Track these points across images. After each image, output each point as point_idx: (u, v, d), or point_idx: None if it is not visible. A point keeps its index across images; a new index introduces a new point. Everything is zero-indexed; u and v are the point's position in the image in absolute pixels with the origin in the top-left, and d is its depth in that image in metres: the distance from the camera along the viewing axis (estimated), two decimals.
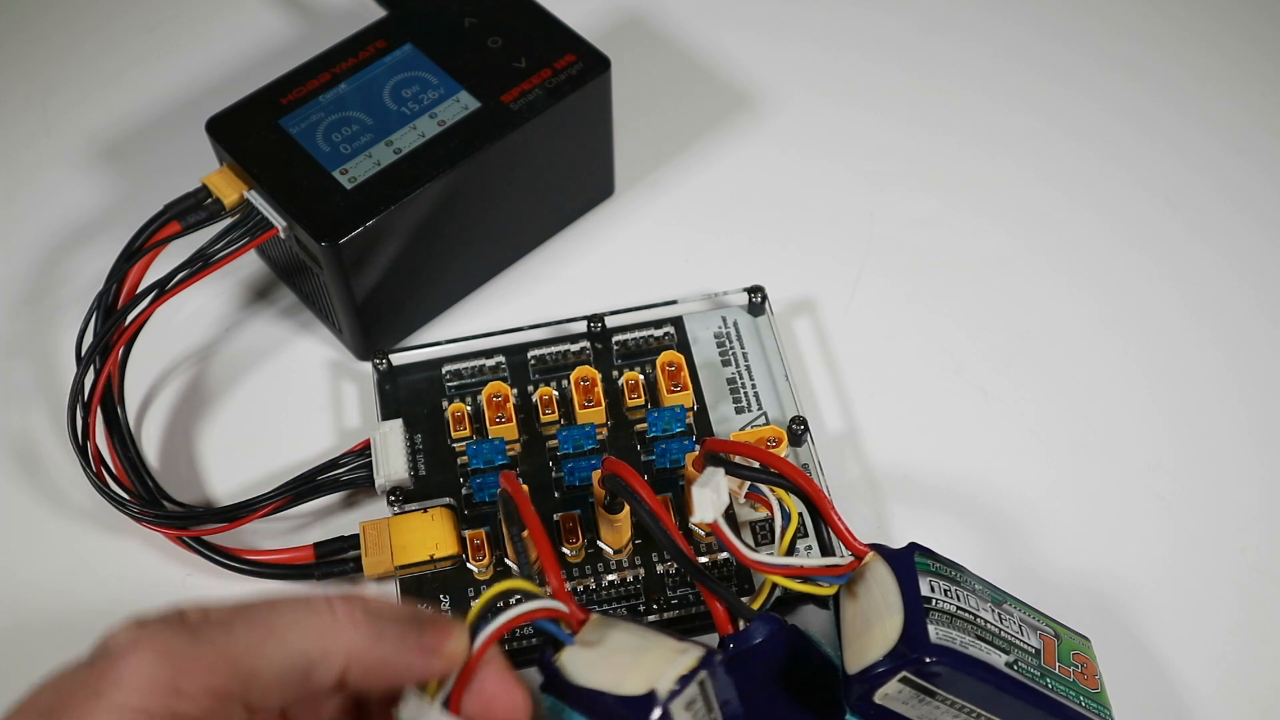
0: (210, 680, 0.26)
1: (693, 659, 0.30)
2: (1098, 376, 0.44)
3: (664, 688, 0.29)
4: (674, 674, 0.29)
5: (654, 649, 0.30)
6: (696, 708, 0.30)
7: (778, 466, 0.34)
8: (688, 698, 0.29)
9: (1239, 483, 0.42)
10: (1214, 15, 0.55)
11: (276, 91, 0.43)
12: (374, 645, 0.28)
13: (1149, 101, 0.52)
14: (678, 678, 0.29)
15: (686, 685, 0.29)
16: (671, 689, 0.29)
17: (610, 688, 0.30)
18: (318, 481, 0.39)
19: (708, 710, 0.30)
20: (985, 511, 0.41)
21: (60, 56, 0.54)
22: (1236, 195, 0.49)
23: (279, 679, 0.27)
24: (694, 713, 0.30)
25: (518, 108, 0.42)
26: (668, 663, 0.29)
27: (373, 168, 0.41)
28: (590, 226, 0.48)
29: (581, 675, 0.30)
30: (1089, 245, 0.48)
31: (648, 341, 0.43)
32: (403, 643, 0.29)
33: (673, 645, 0.30)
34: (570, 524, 0.39)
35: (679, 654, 0.30)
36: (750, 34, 0.54)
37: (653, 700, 0.29)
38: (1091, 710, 0.33)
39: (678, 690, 0.29)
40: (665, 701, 0.29)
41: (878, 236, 0.48)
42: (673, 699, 0.29)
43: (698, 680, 0.29)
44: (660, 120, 0.51)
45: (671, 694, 0.29)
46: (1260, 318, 0.46)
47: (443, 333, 0.45)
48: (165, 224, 0.40)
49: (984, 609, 0.32)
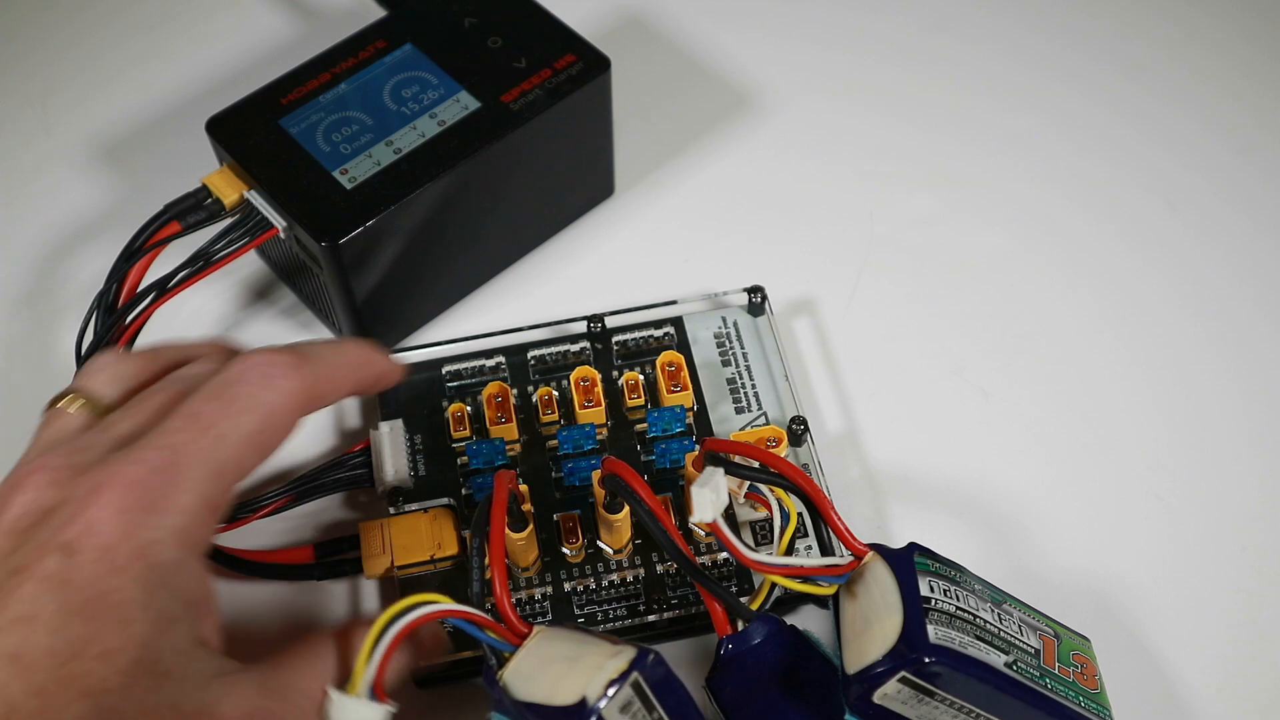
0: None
1: (623, 661, 0.29)
2: (1098, 376, 0.44)
3: (594, 694, 0.29)
4: (604, 679, 0.29)
5: (588, 655, 0.30)
6: (635, 709, 0.30)
7: (777, 466, 0.34)
8: (621, 701, 0.29)
9: (1239, 483, 0.42)
10: (1214, 15, 0.55)
11: (276, 91, 0.43)
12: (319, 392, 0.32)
13: (1149, 101, 0.52)
14: (607, 682, 0.29)
15: (619, 688, 0.29)
16: (601, 694, 0.29)
17: (548, 699, 0.29)
18: (318, 481, 0.39)
19: (648, 710, 0.30)
20: (985, 511, 0.41)
21: (60, 56, 0.54)
22: (1236, 195, 0.49)
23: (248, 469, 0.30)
24: (632, 714, 0.30)
25: (518, 108, 0.42)
26: (598, 669, 0.29)
27: (373, 168, 0.41)
28: (590, 226, 0.48)
29: (522, 690, 0.30)
30: (1089, 245, 0.48)
31: (648, 341, 0.43)
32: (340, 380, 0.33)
33: (606, 649, 0.30)
34: (570, 524, 0.39)
35: (610, 657, 0.30)
36: (750, 34, 0.54)
37: (584, 708, 0.29)
38: (1091, 710, 0.33)
39: (609, 695, 0.29)
40: (596, 707, 0.29)
41: (878, 236, 0.48)
42: (604, 704, 0.29)
43: (630, 682, 0.29)
44: (660, 120, 0.51)
45: (601, 699, 0.29)
46: (1260, 318, 0.46)
47: (443, 333, 0.45)
48: (165, 224, 0.40)
49: (984, 609, 0.32)
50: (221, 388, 0.30)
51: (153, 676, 0.27)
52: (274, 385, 0.31)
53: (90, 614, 0.26)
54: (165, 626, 0.28)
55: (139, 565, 0.27)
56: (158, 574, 0.28)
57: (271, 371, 0.31)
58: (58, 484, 0.29)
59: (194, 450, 0.29)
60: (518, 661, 0.31)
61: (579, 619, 0.38)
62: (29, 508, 0.28)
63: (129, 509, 0.28)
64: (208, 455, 0.29)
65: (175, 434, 0.29)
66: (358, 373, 0.34)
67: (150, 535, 0.28)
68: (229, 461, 0.30)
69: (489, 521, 0.32)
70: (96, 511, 0.27)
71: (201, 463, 0.29)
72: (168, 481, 0.28)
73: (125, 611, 0.27)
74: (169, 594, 0.28)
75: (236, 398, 0.30)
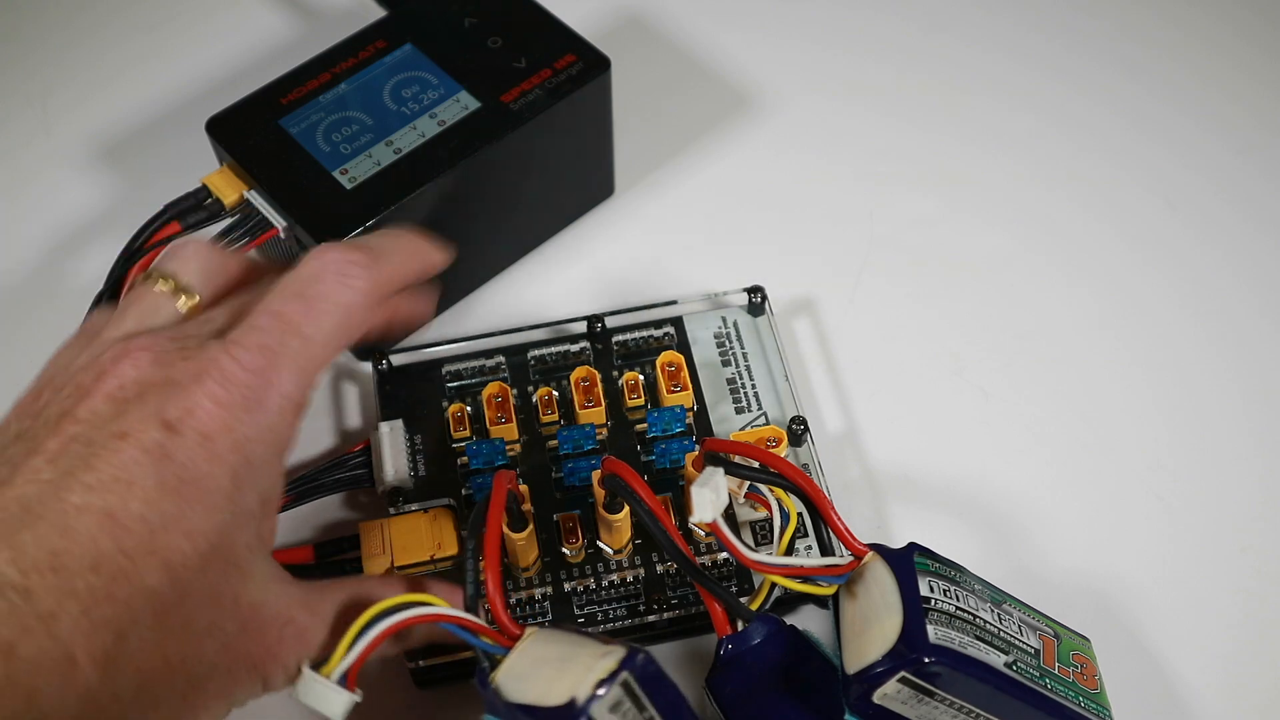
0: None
1: (612, 661, 0.29)
2: (1098, 376, 0.44)
3: (583, 694, 0.29)
4: (593, 679, 0.29)
5: (578, 656, 0.30)
6: (625, 709, 0.30)
7: (777, 466, 0.34)
8: (611, 700, 0.29)
9: (1239, 483, 0.42)
10: (1214, 15, 0.55)
11: (276, 91, 0.43)
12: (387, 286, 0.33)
13: (1149, 101, 0.52)
14: (595, 683, 0.29)
15: (608, 688, 0.29)
16: (590, 695, 0.29)
17: (539, 700, 0.29)
18: (318, 481, 0.39)
19: (639, 710, 0.30)
20: (985, 511, 0.41)
21: (60, 56, 0.54)
22: (1236, 195, 0.49)
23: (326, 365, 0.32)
24: (623, 713, 0.30)
25: (518, 108, 0.42)
26: (588, 669, 0.29)
27: (373, 168, 0.41)
28: (590, 226, 0.48)
29: (515, 691, 0.30)
30: (1089, 245, 0.48)
31: (648, 341, 0.43)
32: (405, 271, 0.34)
33: (596, 650, 0.30)
34: (570, 524, 0.39)
35: (600, 658, 0.30)
36: (750, 34, 0.54)
37: (573, 709, 0.29)
38: (1091, 711, 0.33)
39: (598, 695, 0.29)
40: (585, 708, 0.29)
41: (878, 236, 0.48)
42: (594, 704, 0.29)
43: (619, 682, 0.29)
44: (660, 120, 0.51)
45: (591, 700, 0.29)
46: (1260, 318, 0.46)
47: (443, 333, 0.45)
48: (165, 224, 0.40)
49: (983, 609, 0.32)
50: (303, 285, 0.31)
51: (225, 564, 0.29)
52: (350, 284, 0.32)
53: (184, 494, 0.28)
54: (244, 521, 0.29)
55: (234, 458, 0.29)
56: (247, 470, 0.29)
57: (347, 270, 0.32)
58: (161, 364, 0.30)
59: (284, 352, 0.30)
60: (510, 663, 0.31)
61: (579, 619, 0.38)
62: (130, 379, 0.29)
63: (229, 404, 0.29)
64: (296, 356, 0.30)
65: (267, 333, 0.30)
66: (414, 261, 0.35)
67: (246, 432, 0.29)
68: (313, 361, 0.31)
69: (485, 523, 0.32)
70: (200, 399, 0.29)
71: (290, 364, 0.30)
72: (264, 383, 0.30)
73: (215, 499, 0.28)
74: (253, 490, 0.30)
75: (318, 297, 0.31)
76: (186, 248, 0.35)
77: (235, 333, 0.30)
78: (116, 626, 0.27)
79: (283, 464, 0.31)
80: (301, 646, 0.30)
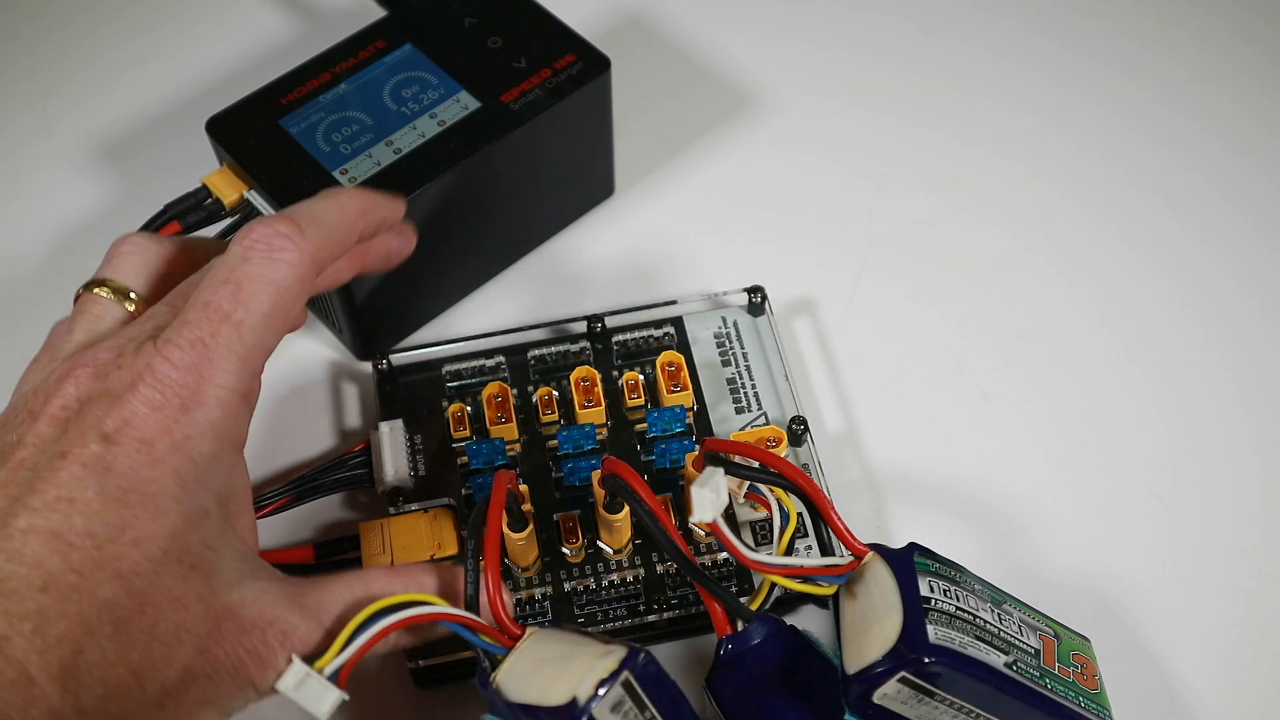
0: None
1: (613, 661, 0.29)
2: (1098, 376, 0.44)
3: (584, 693, 0.29)
4: (594, 679, 0.29)
5: (579, 656, 0.30)
6: (626, 708, 0.30)
7: (777, 466, 0.34)
8: (612, 700, 0.29)
9: (1239, 483, 0.42)
10: (1214, 15, 0.55)
11: (276, 91, 0.43)
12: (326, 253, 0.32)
13: (1149, 101, 0.52)
14: (597, 682, 0.29)
15: (609, 688, 0.29)
16: (591, 694, 0.29)
17: (540, 700, 0.29)
18: (318, 481, 0.39)
19: (640, 709, 0.30)
20: (985, 511, 0.41)
21: (60, 56, 0.54)
22: (1236, 195, 0.49)
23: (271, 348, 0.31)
24: (624, 713, 0.30)
25: (518, 108, 0.42)
26: (589, 669, 0.29)
27: (373, 168, 0.41)
28: (590, 226, 0.48)
29: (515, 691, 0.30)
30: (1089, 245, 0.48)
31: (648, 341, 0.43)
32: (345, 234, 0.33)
33: (597, 649, 0.30)
34: (570, 524, 0.39)
35: (601, 657, 0.30)
36: (750, 34, 0.54)
37: (574, 708, 0.29)
38: (1091, 711, 0.33)
39: (599, 695, 0.29)
40: (586, 708, 0.29)
41: (878, 236, 0.48)
42: (595, 704, 0.29)
43: (620, 681, 0.29)
44: (660, 120, 0.51)
45: (592, 699, 0.29)
46: (1260, 318, 0.46)
47: (443, 333, 0.45)
48: (165, 224, 0.40)
49: (983, 609, 0.32)
50: (229, 270, 0.30)
51: (182, 567, 0.28)
52: (279, 258, 0.31)
53: (127, 502, 0.28)
54: (197, 520, 0.29)
55: (176, 459, 0.29)
56: (193, 469, 0.29)
57: (275, 244, 0.31)
58: (99, 377, 0.29)
59: (217, 344, 0.30)
60: (510, 663, 0.31)
61: (579, 619, 0.38)
62: (71, 398, 0.29)
63: (163, 406, 0.29)
64: (230, 346, 0.30)
65: (196, 327, 0.30)
66: (353, 220, 0.34)
67: (186, 431, 0.29)
68: (251, 348, 0.30)
69: (485, 523, 0.32)
70: (135, 406, 0.28)
71: (225, 355, 0.30)
72: (198, 379, 0.29)
73: (160, 503, 0.28)
74: (203, 489, 0.29)
75: (247, 279, 0.30)
76: (121, 246, 0.35)
77: (169, 331, 0.30)
78: (72, 642, 0.26)
79: (237, 457, 0.31)
80: (290, 647, 0.29)
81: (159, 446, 0.28)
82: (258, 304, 0.30)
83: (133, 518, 0.28)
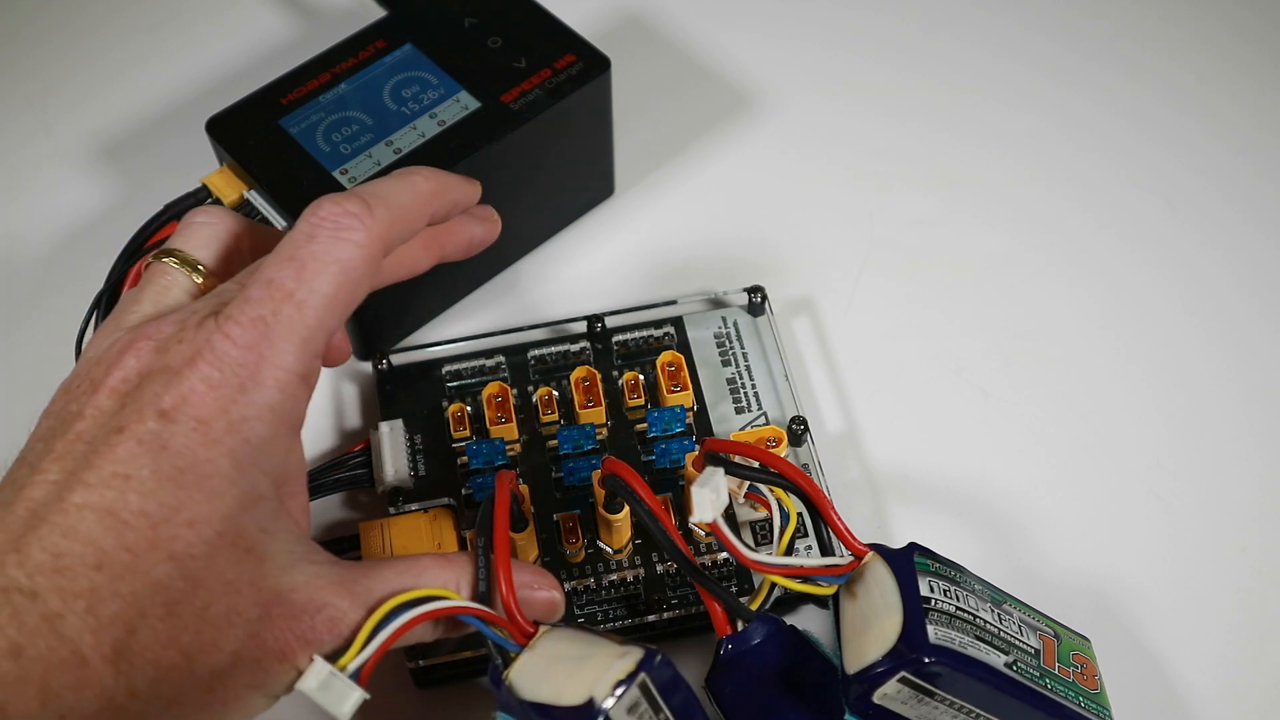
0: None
1: (630, 662, 0.29)
2: (1098, 376, 0.44)
3: (601, 694, 0.29)
4: (611, 679, 0.29)
5: (595, 655, 0.30)
6: (641, 709, 0.30)
7: (777, 466, 0.34)
8: (629, 701, 0.29)
9: (1239, 483, 0.42)
10: (1214, 15, 0.55)
11: (276, 91, 0.43)
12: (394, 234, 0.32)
13: (1149, 101, 0.52)
14: (614, 683, 0.29)
15: (626, 689, 0.29)
16: (608, 695, 0.29)
17: (554, 699, 0.29)
18: (318, 481, 0.39)
19: (655, 711, 0.30)
20: (985, 511, 0.41)
21: (60, 56, 0.54)
22: (1236, 195, 0.49)
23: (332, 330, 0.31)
24: (639, 714, 0.30)
25: (518, 108, 0.42)
26: (605, 669, 0.29)
27: (373, 168, 0.41)
28: (590, 226, 0.48)
29: (529, 689, 0.30)
30: (1089, 245, 0.48)
31: (648, 341, 0.43)
32: (415, 215, 0.33)
33: (613, 650, 0.30)
34: (570, 524, 0.39)
35: (618, 658, 0.30)
36: (750, 34, 0.54)
37: (591, 709, 0.29)
38: (1091, 711, 0.33)
39: (616, 696, 0.29)
40: (603, 708, 0.29)
41: (878, 236, 0.48)
42: (611, 704, 0.29)
43: (637, 683, 0.29)
44: (660, 120, 0.51)
45: (609, 700, 0.29)
46: (1260, 318, 0.46)
47: (443, 333, 0.45)
48: (165, 224, 0.40)
49: (983, 609, 0.32)
50: (293, 248, 0.30)
51: (236, 549, 0.28)
52: (346, 238, 0.30)
53: (183, 482, 0.27)
54: (252, 503, 0.29)
55: (232, 440, 0.28)
56: (249, 450, 0.29)
57: (342, 223, 0.30)
58: (160, 351, 0.29)
59: (279, 323, 0.29)
60: (524, 661, 0.31)
61: (579, 619, 0.38)
62: (132, 370, 0.29)
63: (221, 384, 0.28)
64: (291, 325, 0.29)
65: (259, 304, 0.29)
66: (426, 201, 0.34)
67: (243, 412, 0.28)
68: (313, 328, 0.30)
69: (493, 520, 0.32)
70: (193, 383, 0.28)
71: (287, 335, 0.29)
72: (257, 358, 0.29)
73: (215, 484, 0.28)
74: (259, 471, 0.29)
75: (311, 257, 0.30)
76: (195, 217, 0.34)
77: (230, 307, 0.29)
78: (125, 622, 0.26)
79: (293, 439, 0.30)
80: (338, 633, 0.29)
81: (215, 426, 0.28)
82: (321, 283, 0.30)
83: (187, 498, 0.27)
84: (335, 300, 0.30)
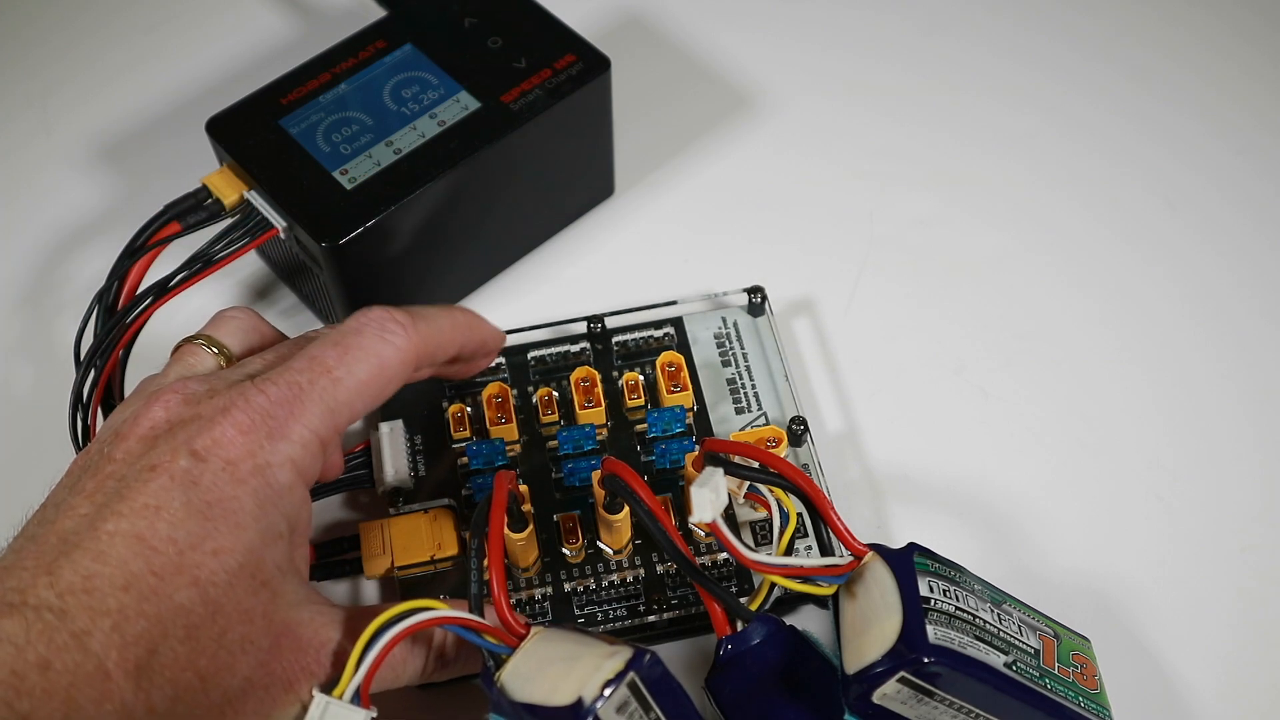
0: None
1: (619, 662, 0.29)
2: (1098, 376, 0.44)
3: (590, 694, 0.29)
4: (600, 679, 0.29)
5: (585, 656, 0.30)
6: (631, 709, 0.30)
7: (777, 466, 0.34)
8: (618, 701, 0.29)
9: (1239, 483, 0.42)
10: (1215, 16, 0.55)
11: (276, 91, 0.43)
12: (428, 350, 0.34)
13: (1149, 101, 0.52)
14: (603, 683, 0.29)
15: (615, 688, 0.29)
16: (598, 695, 0.29)
17: (545, 700, 0.29)
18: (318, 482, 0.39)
19: (645, 711, 0.30)
20: (985, 511, 0.41)
21: (60, 56, 0.54)
22: (1236, 195, 0.49)
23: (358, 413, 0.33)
24: (629, 714, 0.30)
25: (518, 108, 0.42)
26: (595, 669, 0.29)
27: (373, 168, 0.41)
28: (590, 226, 0.48)
29: (520, 690, 0.30)
30: (1089, 245, 0.48)
31: (648, 342, 0.43)
32: (448, 341, 0.36)
33: (603, 650, 0.30)
34: (570, 524, 0.39)
35: (607, 658, 0.30)
36: (750, 34, 0.54)
37: (580, 708, 0.29)
38: (1091, 711, 0.33)
39: (605, 695, 0.29)
40: (592, 708, 0.29)
41: (878, 236, 0.48)
42: (600, 704, 0.29)
43: (626, 682, 0.29)
44: (660, 120, 0.51)
45: (598, 700, 0.29)
46: (1260, 318, 0.46)
47: None
48: (165, 224, 0.40)
49: (983, 609, 0.32)
50: (341, 336, 0.33)
51: (254, 582, 0.30)
52: (388, 340, 0.33)
53: (210, 515, 0.29)
54: (271, 540, 0.30)
55: (257, 481, 0.30)
56: (272, 493, 0.30)
57: (388, 326, 0.33)
58: (190, 403, 0.31)
59: (313, 389, 0.32)
60: (515, 663, 0.31)
61: (579, 619, 0.38)
62: (161, 419, 0.31)
63: (252, 431, 0.30)
64: (324, 394, 0.32)
65: (298, 373, 0.32)
66: (463, 334, 0.37)
67: (269, 458, 0.31)
68: (343, 402, 0.32)
69: (488, 522, 0.32)
70: (225, 429, 0.30)
71: (318, 400, 0.32)
72: (288, 413, 0.31)
73: (240, 519, 0.30)
74: (279, 513, 0.31)
75: (355, 346, 0.33)
76: (226, 312, 0.37)
77: (271, 372, 0.32)
78: (148, 641, 0.28)
79: (306, 493, 0.32)
80: (339, 668, 0.31)
81: (243, 467, 0.30)
82: (360, 369, 0.32)
83: (214, 529, 0.29)
84: (367, 387, 0.33)
